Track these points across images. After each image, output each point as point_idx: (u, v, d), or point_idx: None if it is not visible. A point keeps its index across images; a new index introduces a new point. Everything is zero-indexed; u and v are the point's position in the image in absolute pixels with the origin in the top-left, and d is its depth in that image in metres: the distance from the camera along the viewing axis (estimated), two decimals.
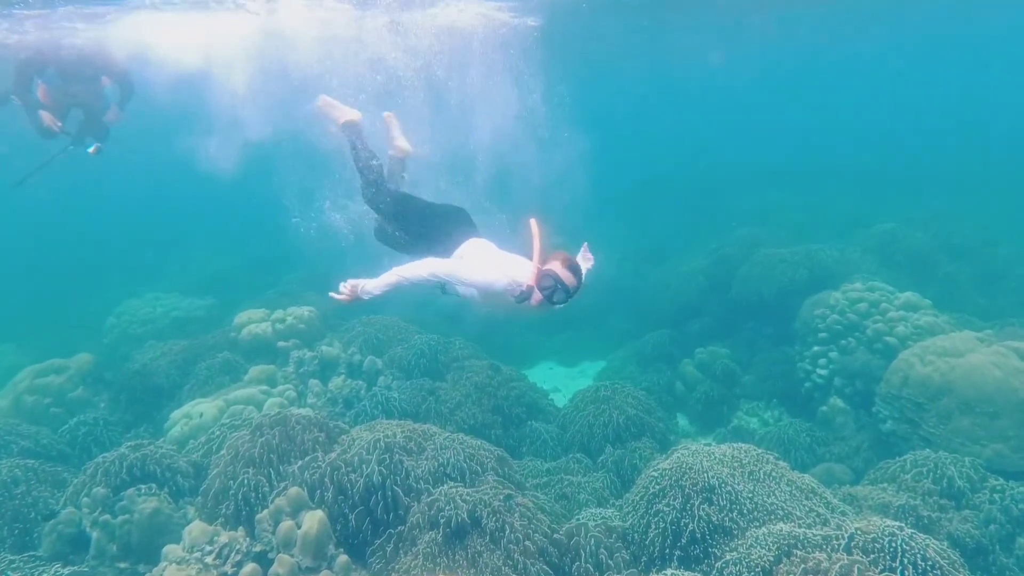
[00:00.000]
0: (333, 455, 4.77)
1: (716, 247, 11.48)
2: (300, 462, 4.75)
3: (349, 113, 5.09)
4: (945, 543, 4.10)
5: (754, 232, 11.63)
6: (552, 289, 3.72)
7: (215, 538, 4.09)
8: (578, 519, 4.80)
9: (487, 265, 3.99)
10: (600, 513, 4.96)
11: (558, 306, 3.87)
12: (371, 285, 3.87)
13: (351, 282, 3.86)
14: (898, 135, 26.55)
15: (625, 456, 6.27)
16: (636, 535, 4.51)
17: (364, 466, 4.59)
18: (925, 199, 14.60)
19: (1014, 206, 14.11)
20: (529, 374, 9.36)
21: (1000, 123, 27.29)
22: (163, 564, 3.95)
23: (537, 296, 3.76)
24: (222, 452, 5.00)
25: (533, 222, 3.88)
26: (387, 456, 4.68)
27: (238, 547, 3.97)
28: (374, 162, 4.89)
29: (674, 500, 4.42)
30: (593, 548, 4.30)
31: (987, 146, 21.87)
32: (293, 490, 4.31)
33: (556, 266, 3.74)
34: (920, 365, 6.46)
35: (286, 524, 4.02)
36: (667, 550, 4.28)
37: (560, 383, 10.32)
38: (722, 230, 12.52)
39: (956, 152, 21.04)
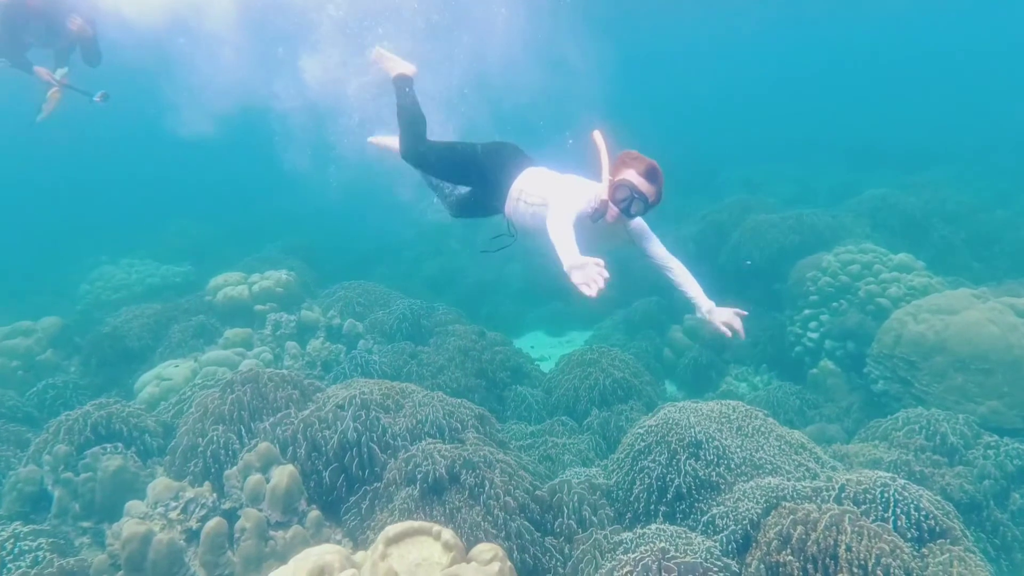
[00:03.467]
0: (307, 412, 4.58)
1: (706, 213, 11.27)
2: (272, 419, 4.57)
3: (403, 66, 4.73)
4: (939, 496, 3.99)
5: (744, 198, 11.42)
6: (629, 200, 3.41)
7: (180, 494, 3.90)
8: (562, 477, 4.66)
9: (558, 189, 3.63)
10: (584, 471, 4.82)
11: (636, 219, 3.58)
12: (567, 256, 3.18)
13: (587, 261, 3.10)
14: (889, 106, 26.32)
15: (611, 418, 6.12)
16: (621, 492, 4.37)
17: (339, 422, 4.41)
18: (918, 169, 14.42)
19: (1007, 173, 13.98)
20: (516, 343, 9.19)
21: (992, 93, 27.06)
22: (125, 519, 3.76)
23: (613, 211, 3.46)
24: (191, 410, 4.80)
25: (597, 134, 3.52)
26: (363, 412, 4.49)
27: (204, 502, 3.79)
28: (420, 122, 4.46)
29: (660, 456, 4.28)
30: (576, 505, 4.15)
31: (979, 115, 21.70)
32: (263, 445, 4.11)
33: (630, 175, 3.41)
34: (913, 323, 6.33)
35: (254, 478, 3.83)
36: (652, 506, 4.15)
37: (547, 352, 10.15)
38: (712, 198, 12.31)
39: (948, 122, 20.84)
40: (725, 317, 3.66)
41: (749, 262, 9.42)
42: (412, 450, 4.22)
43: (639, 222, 3.80)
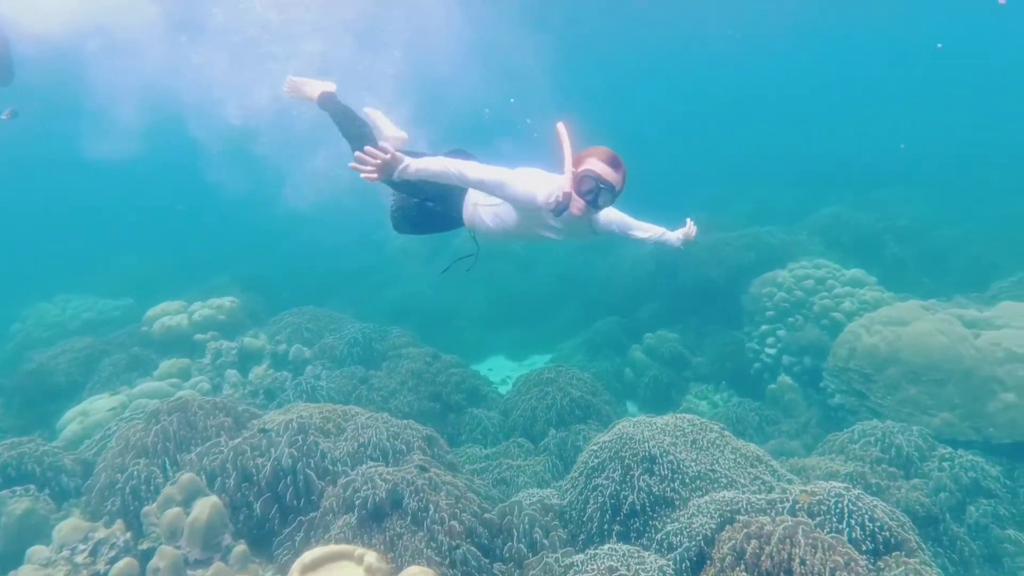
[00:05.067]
0: (238, 440, 4.28)
1: None
2: (200, 448, 4.26)
3: (322, 86, 4.56)
4: (894, 508, 3.88)
5: (700, 217, 11.46)
6: (595, 192, 3.21)
7: (90, 535, 3.56)
8: (513, 499, 4.42)
9: (515, 178, 3.41)
10: (538, 492, 4.60)
11: (602, 210, 3.42)
12: (413, 162, 3.17)
13: (391, 149, 3.07)
14: (845, 128, 27.15)
15: (568, 438, 5.92)
16: (574, 512, 4.17)
17: (273, 449, 4.13)
18: (873, 189, 14.73)
19: (956, 193, 14.41)
20: (477, 367, 8.95)
21: (944, 113, 28.15)
22: (23, 567, 3.39)
23: (578, 203, 3.25)
24: (111, 444, 4.45)
25: (561, 126, 3.34)
26: (300, 437, 4.22)
27: (115, 542, 3.45)
28: (364, 129, 4.28)
29: (613, 472, 4.10)
30: (527, 527, 3.93)
31: (932, 138, 22.51)
32: (186, 476, 3.80)
33: (593, 163, 3.21)
34: (866, 335, 6.33)
35: (172, 512, 3.52)
36: (606, 525, 3.96)
37: (508, 374, 9.93)
38: (676, 217, 12.33)
39: (904, 144, 21.49)
40: (687, 237, 4.22)
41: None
42: (352, 475, 3.96)
43: (608, 212, 3.65)
